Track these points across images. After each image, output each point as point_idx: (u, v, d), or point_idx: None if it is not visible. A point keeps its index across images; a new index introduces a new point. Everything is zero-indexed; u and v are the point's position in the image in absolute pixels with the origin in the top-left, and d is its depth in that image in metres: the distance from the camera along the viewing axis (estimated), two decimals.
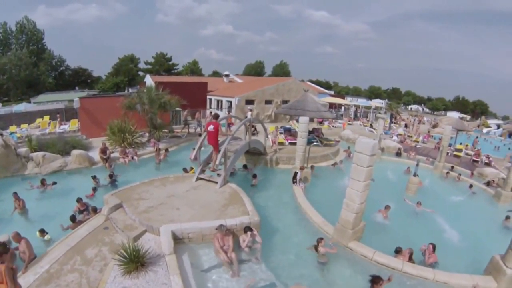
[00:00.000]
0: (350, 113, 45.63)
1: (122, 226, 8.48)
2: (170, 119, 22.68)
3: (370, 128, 35.44)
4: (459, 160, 24.92)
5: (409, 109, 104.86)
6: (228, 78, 46.36)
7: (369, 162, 8.51)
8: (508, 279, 8.04)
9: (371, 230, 10.43)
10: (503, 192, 15.77)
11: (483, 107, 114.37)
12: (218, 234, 8.00)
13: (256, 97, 32.27)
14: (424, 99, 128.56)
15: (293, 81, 36.94)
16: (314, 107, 19.84)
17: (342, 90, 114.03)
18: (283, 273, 8.02)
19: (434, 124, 50.38)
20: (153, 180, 11.42)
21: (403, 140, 30.44)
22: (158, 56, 78.99)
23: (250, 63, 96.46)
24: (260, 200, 11.99)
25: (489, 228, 12.91)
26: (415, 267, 8.56)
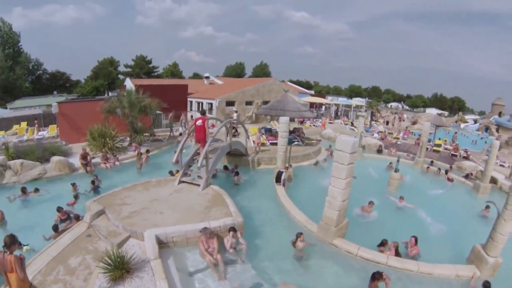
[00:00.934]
0: (331, 112, 46.12)
1: (106, 233, 8.39)
2: (151, 123, 22.48)
3: (351, 126, 36.06)
4: (439, 154, 25.69)
5: (389, 107, 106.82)
6: (208, 80, 46.30)
7: (350, 160, 8.68)
8: (490, 267, 8.41)
9: (355, 226, 10.63)
10: (481, 184, 16.44)
11: (460, 103, 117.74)
12: (202, 236, 8.03)
13: (236, 99, 32.34)
14: (403, 97, 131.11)
15: (273, 82, 37.19)
16: (294, 107, 20.07)
17: (323, 90, 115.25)
18: (270, 273, 8.09)
19: (414, 120, 51.37)
20: (136, 185, 11.33)
21: (384, 137, 31.10)
22: (138, 59, 77.96)
23: (230, 65, 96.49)
24: (243, 201, 12.06)
25: (469, 219, 13.40)
26: (399, 260, 8.79)
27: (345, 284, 8.13)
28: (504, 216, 8.30)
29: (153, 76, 76.87)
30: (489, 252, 8.52)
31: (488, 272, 8.47)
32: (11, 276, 5.15)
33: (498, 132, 44.07)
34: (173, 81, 49.87)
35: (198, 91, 36.60)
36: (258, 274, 7.83)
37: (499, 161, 25.14)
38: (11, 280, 5.18)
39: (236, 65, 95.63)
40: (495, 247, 8.43)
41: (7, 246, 5.17)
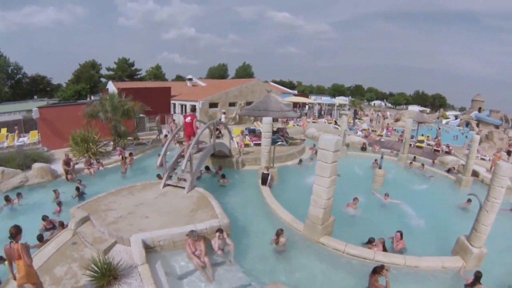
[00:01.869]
0: (315, 112, 46.46)
1: (91, 240, 8.28)
2: (134, 126, 22.30)
3: (335, 125, 36.42)
4: (422, 150, 26.21)
5: (372, 105, 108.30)
6: (191, 82, 46.02)
7: (333, 158, 8.81)
8: (475, 258, 8.70)
9: (342, 224, 10.75)
10: (463, 178, 16.91)
11: (441, 100, 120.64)
12: (189, 240, 8.03)
13: (219, 100, 32.30)
14: (386, 95, 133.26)
15: (256, 82, 37.26)
16: (277, 107, 20.20)
17: (306, 89, 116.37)
18: (258, 273, 8.14)
19: (397, 118, 52.13)
20: (121, 190, 11.22)
21: (367, 135, 31.53)
22: (120, 62, 76.95)
23: (213, 66, 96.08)
24: (229, 202, 12.10)
25: (453, 211, 13.78)
26: (386, 255, 8.98)
27: (334, 281, 8.25)
28: (486, 208, 8.60)
29: (136, 79, 75.98)
30: (473, 243, 8.83)
31: (473, 263, 8.76)
32: (19, 263, 5.67)
33: (478, 127, 45.10)
34: (156, 83, 49.48)
35: (181, 94, 36.37)
36: (247, 274, 7.88)
37: (480, 155, 25.82)
38: (19, 267, 5.68)
39: (219, 66, 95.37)
40: (479, 238, 8.75)
41: (13, 236, 5.70)
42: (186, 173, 11.98)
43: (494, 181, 8.51)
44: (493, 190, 8.48)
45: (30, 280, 5.88)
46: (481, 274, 7.78)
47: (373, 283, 7.33)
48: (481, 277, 7.76)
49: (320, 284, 8.11)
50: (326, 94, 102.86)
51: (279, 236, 9.21)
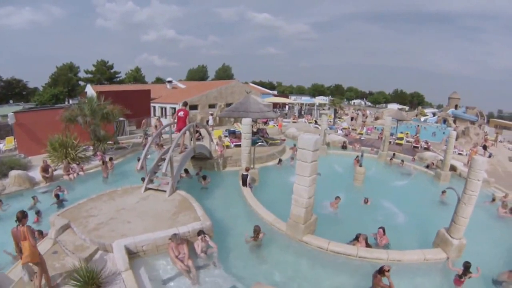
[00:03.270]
0: (295, 112, 46.78)
1: (72, 248, 8.13)
2: (114, 130, 22.02)
3: (315, 124, 36.76)
4: (401, 147, 26.87)
5: (352, 104, 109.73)
6: (171, 84, 45.75)
7: (313, 157, 8.97)
8: (455, 249, 9.10)
9: (325, 222, 10.95)
10: (442, 172, 17.58)
11: (419, 98, 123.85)
12: (172, 243, 8.03)
13: (199, 102, 32.28)
14: (365, 94, 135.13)
15: (236, 84, 37.46)
16: (257, 108, 20.31)
17: (286, 90, 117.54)
18: (243, 273, 8.20)
19: (376, 116, 53.02)
20: (101, 195, 11.06)
21: (348, 134, 32.01)
22: (99, 64, 75.74)
23: (193, 68, 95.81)
24: (210, 205, 12.12)
25: (433, 205, 14.28)
26: (369, 251, 9.20)
27: (319, 279, 8.39)
28: (464, 200, 9.00)
29: (115, 82, 74.89)
30: (453, 234, 9.23)
31: (454, 254, 9.16)
32: (24, 243, 6.29)
33: (455, 123, 46.46)
34: (136, 86, 48.89)
35: (161, 96, 36.17)
36: (232, 276, 7.92)
37: (457, 150, 26.73)
38: (24, 247, 6.30)
39: (199, 68, 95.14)
40: (458, 229, 9.14)
41: (19, 220, 6.45)
42: (167, 176, 11.94)
43: (470, 175, 8.89)
44: (470, 183, 8.86)
45: (34, 259, 6.40)
46: (470, 264, 8.16)
47: (377, 283, 7.48)
48: (470, 266, 8.14)
49: (304, 282, 8.22)
50: (306, 94, 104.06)
51: (258, 233, 9.42)
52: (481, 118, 48.45)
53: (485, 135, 37.56)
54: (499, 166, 24.69)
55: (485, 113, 55.35)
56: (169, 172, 11.77)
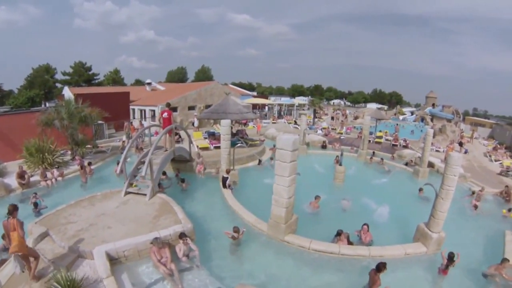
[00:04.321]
0: (274, 112, 46.99)
1: (52, 256, 7.93)
2: (93, 134, 21.67)
3: (295, 124, 37.04)
4: (381, 146, 27.53)
5: (331, 104, 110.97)
6: (150, 86, 45.41)
7: (292, 157, 9.11)
8: (435, 242, 9.45)
9: (306, 221, 11.15)
10: (420, 169, 18.17)
11: (398, 97, 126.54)
12: (154, 247, 8.00)
13: (179, 104, 32.12)
14: (345, 94, 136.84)
15: (215, 85, 37.49)
16: (236, 109, 20.40)
17: (266, 90, 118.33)
18: (226, 275, 8.25)
19: (356, 116, 53.80)
20: (80, 201, 10.88)
21: (327, 133, 32.44)
22: (77, 66, 73.80)
23: (172, 70, 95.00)
24: (191, 207, 12.17)
25: (412, 201, 14.70)
26: (351, 248, 9.44)
27: (302, 278, 8.50)
28: (441, 195, 9.37)
29: (94, 84, 73.35)
30: (432, 228, 9.59)
31: (434, 247, 9.54)
32: (14, 234, 6.68)
33: (433, 121, 47.43)
34: (115, 88, 48.12)
35: (140, 98, 35.77)
36: (215, 278, 7.96)
37: (434, 147, 27.44)
38: (13, 237, 6.68)
39: (178, 69, 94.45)
40: (437, 223, 9.50)
41: (10, 212, 6.94)
42: (146, 179, 11.83)
43: (447, 171, 9.26)
44: (447, 178, 9.24)
45: (22, 249, 6.69)
46: (454, 254, 8.62)
47: (376, 281, 7.61)
48: (454, 256, 8.60)
49: (288, 282, 8.32)
50: (285, 95, 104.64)
51: (238, 232, 9.63)
52: (457, 116, 49.73)
53: (461, 132, 38.92)
54: (474, 162, 25.59)
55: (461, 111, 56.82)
56: (149, 175, 11.67)
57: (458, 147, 28.78)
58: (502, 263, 8.68)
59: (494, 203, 15.49)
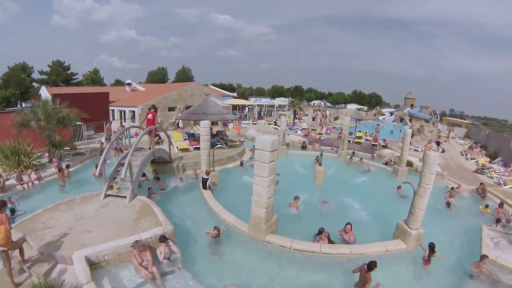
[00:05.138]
0: (254, 113, 47.10)
1: (29, 263, 7.79)
2: (71, 135, 21.27)
3: (275, 125, 37.26)
4: (360, 146, 27.99)
5: (312, 105, 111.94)
6: (130, 86, 44.70)
7: (271, 158, 9.20)
8: (413, 239, 9.76)
9: (287, 221, 11.30)
10: (399, 168, 18.64)
11: (377, 98, 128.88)
12: (134, 250, 7.95)
13: (159, 105, 31.64)
14: (325, 95, 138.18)
15: (195, 86, 37.24)
16: (215, 110, 20.41)
17: (246, 91, 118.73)
18: (209, 276, 8.30)
19: (336, 116, 54.47)
20: (58, 205, 10.67)
21: (307, 134, 32.72)
22: (55, 65, 71.81)
23: (153, 70, 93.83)
24: (172, 209, 12.14)
25: (391, 199, 15.10)
26: (332, 247, 9.63)
27: (285, 277, 8.60)
28: (419, 193, 9.71)
29: (72, 84, 71.48)
30: (411, 225, 9.91)
31: (413, 243, 9.86)
32: (0, 227, 6.90)
33: (411, 121, 48.60)
34: (94, 89, 47.31)
35: (120, 99, 35.22)
36: (198, 280, 7.97)
37: (413, 146, 28.44)
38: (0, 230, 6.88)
39: (159, 70, 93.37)
40: (416, 220, 9.84)
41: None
42: (126, 181, 11.75)
43: (424, 169, 9.62)
44: (424, 177, 9.60)
45: (7, 244, 6.92)
46: (434, 245, 9.18)
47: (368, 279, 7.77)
48: (434, 246, 9.17)
49: (271, 281, 8.41)
50: (266, 96, 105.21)
51: (219, 231, 9.85)
52: (434, 117, 51.17)
53: (438, 132, 40.15)
54: (451, 160, 26.49)
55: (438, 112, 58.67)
56: (129, 177, 11.61)
57: (436, 146, 29.74)
58: (482, 259, 9.06)
59: (470, 200, 16.14)
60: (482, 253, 9.46)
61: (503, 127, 73.78)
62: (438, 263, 9.39)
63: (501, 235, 11.38)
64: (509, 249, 10.35)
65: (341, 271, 8.83)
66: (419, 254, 9.67)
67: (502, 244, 10.65)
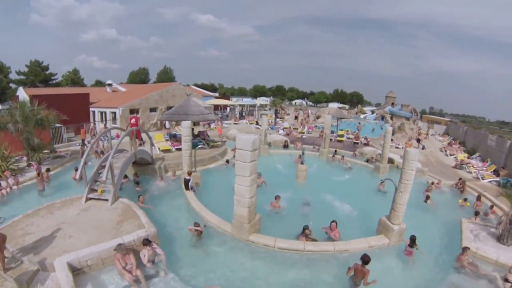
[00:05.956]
0: (236, 113, 47.11)
1: (10, 272, 7.47)
2: (50, 138, 20.86)
3: (256, 125, 37.36)
4: (342, 144, 28.48)
5: (293, 104, 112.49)
6: (111, 87, 43.92)
7: (252, 157, 9.28)
8: (396, 234, 10.05)
9: (270, 220, 11.46)
10: (381, 165, 18.97)
11: (359, 97, 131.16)
12: (117, 254, 7.87)
13: (140, 106, 31.42)
14: (307, 94, 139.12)
15: (176, 86, 37.04)
16: (197, 110, 20.45)
17: (228, 91, 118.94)
18: (194, 277, 8.32)
19: (317, 115, 54.90)
20: (38, 210, 10.43)
21: (289, 133, 32.94)
22: (33, 65, 69.41)
23: (134, 70, 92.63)
24: (154, 211, 12.10)
25: (373, 196, 15.44)
26: (316, 244, 9.73)
27: (269, 275, 8.68)
28: (400, 189, 9.96)
29: (51, 85, 69.35)
30: (393, 221, 10.17)
31: (396, 238, 10.14)
32: None
33: (392, 119, 49.49)
34: (73, 89, 46.32)
35: (100, 100, 34.66)
36: (183, 281, 7.97)
37: (394, 144, 29.01)
38: None
39: (140, 70, 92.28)
40: (397, 216, 10.10)
41: None
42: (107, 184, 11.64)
43: (405, 165, 9.87)
44: (405, 173, 9.87)
45: None
46: (415, 237, 9.54)
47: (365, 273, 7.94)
48: (415, 239, 9.52)
49: (256, 281, 8.47)
50: (247, 96, 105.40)
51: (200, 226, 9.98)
52: (415, 115, 52.36)
53: (418, 129, 41.16)
54: (431, 157, 27.23)
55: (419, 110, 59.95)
56: (110, 179, 11.48)
57: (416, 143, 30.46)
58: (464, 252, 9.39)
59: (450, 194, 16.69)
60: (464, 245, 9.78)
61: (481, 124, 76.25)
62: (421, 256, 9.70)
63: (480, 227, 11.89)
64: (488, 241, 10.81)
65: (326, 267, 9.00)
66: (402, 249, 9.96)
67: (482, 236, 11.10)
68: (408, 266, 9.53)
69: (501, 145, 24.39)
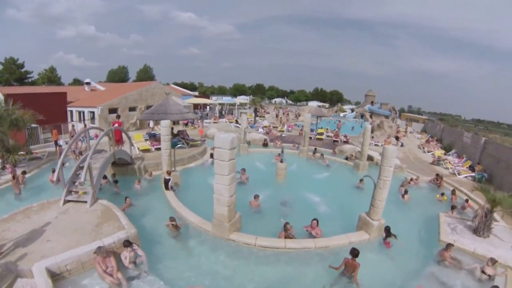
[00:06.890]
0: (215, 112, 47.04)
1: None
2: (26, 139, 20.36)
3: (236, 124, 37.45)
4: (322, 142, 28.86)
5: (273, 103, 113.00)
6: (89, 86, 43.11)
7: (230, 156, 9.33)
8: (376, 229, 10.34)
9: (251, 219, 11.55)
10: (360, 163, 19.42)
11: (338, 95, 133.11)
12: (98, 257, 7.81)
13: (119, 105, 31.04)
14: (287, 92, 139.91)
15: (156, 85, 36.79)
16: (176, 109, 20.44)
17: (208, 90, 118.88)
18: (176, 278, 8.31)
19: (297, 114, 55.41)
20: (14, 214, 10.11)
21: (269, 132, 33.13)
22: (8, 62, 67.70)
23: (113, 69, 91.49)
24: (134, 212, 12.06)
25: (353, 193, 15.77)
26: (296, 241, 9.88)
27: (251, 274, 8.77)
28: (379, 186, 10.23)
29: (27, 83, 67.95)
30: (373, 217, 10.46)
31: (376, 233, 10.44)
32: None
33: (372, 118, 50.39)
34: (50, 88, 45.05)
35: (78, 99, 34.00)
36: (165, 282, 7.94)
37: (373, 141, 29.76)
38: None
39: (119, 69, 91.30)
40: (377, 212, 10.39)
41: None
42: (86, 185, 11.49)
43: (383, 162, 10.15)
44: (383, 170, 10.15)
45: None
46: (389, 227, 10.11)
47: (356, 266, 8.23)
48: (390, 229, 10.09)
49: (237, 279, 8.53)
50: (227, 94, 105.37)
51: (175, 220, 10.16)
52: (393, 113, 53.49)
53: (397, 127, 42.05)
54: (410, 154, 28.10)
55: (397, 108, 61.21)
56: (89, 181, 11.34)
57: (395, 141, 31.13)
58: (448, 248, 9.65)
59: (428, 190, 17.31)
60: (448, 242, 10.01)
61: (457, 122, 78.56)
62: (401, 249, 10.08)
63: (457, 220, 12.40)
64: (465, 233, 11.28)
65: (308, 264, 9.18)
66: (382, 243, 10.31)
67: (459, 229, 11.57)
68: (388, 259, 9.80)
69: (476, 142, 25.24)
